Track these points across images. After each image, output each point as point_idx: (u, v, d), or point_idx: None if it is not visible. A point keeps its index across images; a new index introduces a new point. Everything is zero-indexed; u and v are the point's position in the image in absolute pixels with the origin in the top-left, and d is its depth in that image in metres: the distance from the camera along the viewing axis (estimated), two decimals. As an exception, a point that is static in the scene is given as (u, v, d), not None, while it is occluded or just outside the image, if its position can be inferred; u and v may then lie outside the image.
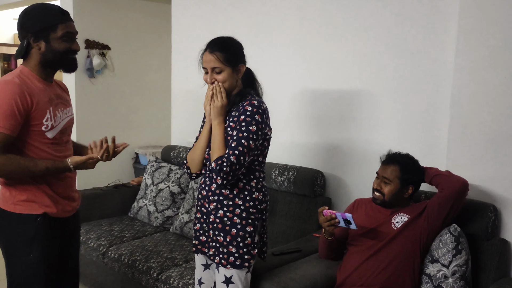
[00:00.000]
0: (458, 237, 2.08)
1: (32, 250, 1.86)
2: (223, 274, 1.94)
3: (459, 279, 2.03)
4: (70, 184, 2.00)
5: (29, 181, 1.85)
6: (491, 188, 2.20)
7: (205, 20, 3.61)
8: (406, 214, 2.12)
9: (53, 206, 1.90)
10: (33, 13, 1.84)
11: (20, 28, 1.86)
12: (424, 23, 2.46)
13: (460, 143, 2.28)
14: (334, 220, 2.04)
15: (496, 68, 2.14)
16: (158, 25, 5.10)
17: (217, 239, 1.94)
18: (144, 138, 5.16)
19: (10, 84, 1.77)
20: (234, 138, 1.85)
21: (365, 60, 2.71)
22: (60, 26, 1.84)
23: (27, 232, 1.85)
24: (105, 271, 2.91)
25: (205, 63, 1.90)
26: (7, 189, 1.87)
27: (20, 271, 1.87)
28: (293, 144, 3.09)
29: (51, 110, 1.86)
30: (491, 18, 2.14)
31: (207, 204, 1.97)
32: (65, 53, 1.87)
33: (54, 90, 1.94)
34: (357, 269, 2.09)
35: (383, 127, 2.67)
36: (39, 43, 1.83)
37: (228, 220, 1.93)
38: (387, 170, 2.14)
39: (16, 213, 1.85)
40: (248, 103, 1.90)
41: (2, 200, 1.89)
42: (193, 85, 3.39)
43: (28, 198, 1.86)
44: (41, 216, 1.87)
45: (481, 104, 2.20)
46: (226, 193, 1.93)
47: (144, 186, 3.43)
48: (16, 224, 1.86)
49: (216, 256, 1.95)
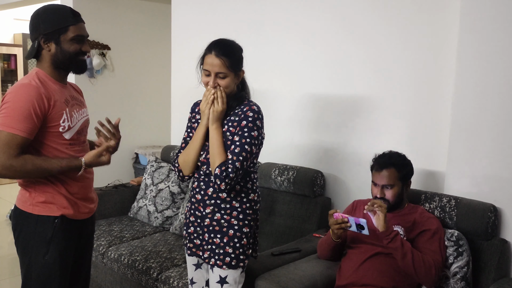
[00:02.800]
0: (457, 241, 2.08)
1: (49, 251, 1.87)
2: (218, 274, 1.94)
3: (460, 280, 2.03)
4: (88, 185, 2.01)
5: (47, 183, 1.87)
6: (491, 188, 2.20)
7: (205, 20, 3.61)
8: (401, 227, 2.10)
9: (71, 208, 1.92)
10: (44, 14, 1.85)
11: (31, 30, 1.87)
12: (426, 29, 2.46)
13: (460, 144, 2.28)
14: (346, 224, 2.02)
15: (496, 70, 2.14)
16: (158, 25, 5.10)
17: (213, 241, 1.94)
18: (144, 138, 5.16)
19: (28, 87, 1.78)
20: (237, 144, 1.85)
21: (365, 64, 2.71)
22: (71, 28, 1.85)
23: (44, 233, 1.87)
24: (104, 271, 2.91)
25: (210, 66, 1.86)
26: (26, 190, 1.89)
27: (36, 271, 1.88)
28: (293, 144, 3.09)
29: (67, 111, 1.88)
30: (491, 22, 2.14)
31: (203, 208, 1.95)
32: (75, 54, 1.88)
33: (69, 92, 1.96)
34: (356, 271, 2.09)
35: (383, 127, 2.66)
36: (49, 44, 1.85)
37: (226, 222, 1.92)
38: (385, 176, 2.11)
39: (35, 214, 1.87)
40: (249, 108, 1.90)
41: (21, 201, 1.90)
42: (193, 85, 3.39)
43: (47, 199, 1.87)
44: (58, 218, 1.88)
45: (482, 105, 2.19)
46: (223, 196, 1.92)
47: (144, 186, 3.43)
48: (34, 225, 1.87)
49: (211, 258, 1.94)
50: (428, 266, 1.96)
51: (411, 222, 2.10)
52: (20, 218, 1.90)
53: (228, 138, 1.90)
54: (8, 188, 6.10)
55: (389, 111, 2.63)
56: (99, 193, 3.43)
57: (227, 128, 1.91)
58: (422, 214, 2.13)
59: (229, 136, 1.89)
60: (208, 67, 1.87)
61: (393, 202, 2.12)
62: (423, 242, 2.04)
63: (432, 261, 1.98)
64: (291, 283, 2.04)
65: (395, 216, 2.14)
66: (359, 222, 1.96)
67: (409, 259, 1.95)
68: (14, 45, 6.87)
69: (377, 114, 2.68)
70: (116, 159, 2.12)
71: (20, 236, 1.91)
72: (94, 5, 4.64)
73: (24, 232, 1.90)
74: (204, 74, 1.90)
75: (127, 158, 5.02)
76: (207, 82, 1.90)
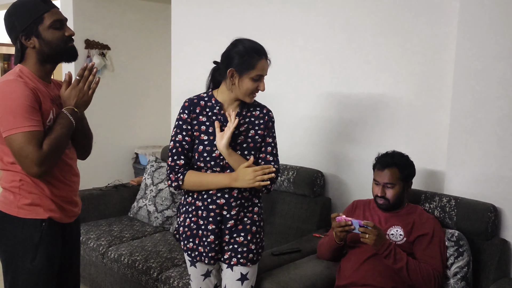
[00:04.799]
0: (458, 241, 2.08)
1: (36, 256, 1.78)
2: (239, 272, 1.94)
3: (461, 280, 2.03)
4: (73, 189, 1.93)
5: (33, 184, 1.78)
6: (491, 188, 2.20)
7: (205, 20, 3.61)
8: (401, 228, 2.10)
9: (58, 211, 1.83)
10: (15, 11, 1.77)
11: (9, 31, 1.79)
12: (426, 28, 2.46)
13: (460, 144, 2.28)
14: (350, 227, 2.02)
15: (495, 71, 2.14)
16: (158, 25, 5.10)
17: (236, 240, 1.93)
18: (144, 138, 5.16)
19: (16, 82, 1.70)
20: (273, 145, 1.98)
21: (365, 64, 2.71)
22: (46, 15, 1.75)
23: (31, 237, 1.77)
24: (104, 271, 2.91)
25: (265, 71, 1.88)
26: (11, 192, 1.78)
27: (23, 277, 1.79)
28: (293, 144, 3.09)
29: (54, 110, 1.79)
30: (490, 22, 2.14)
31: (227, 211, 1.91)
32: (61, 42, 1.78)
33: (53, 91, 1.87)
34: (356, 271, 2.09)
35: (383, 127, 2.66)
36: (32, 40, 1.76)
37: (249, 220, 1.95)
38: (386, 175, 2.12)
39: (21, 217, 1.76)
40: (266, 108, 2.00)
41: (4, 203, 1.79)
42: (193, 85, 3.39)
43: (33, 202, 1.77)
44: (46, 221, 1.79)
45: (481, 105, 2.20)
46: (246, 195, 1.94)
47: (144, 186, 3.43)
48: (20, 229, 1.77)
49: (233, 258, 1.93)
50: (428, 278, 1.96)
51: (410, 224, 2.09)
52: (3, 222, 1.79)
53: (257, 141, 1.94)
54: None
55: (389, 111, 2.63)
56: (99, 193, 3.43)
57: (254, 132, 1.94)
58: (421, 215, 2.13)
59: (258, 139, 1.94)
60: (263, 72, 1.87)
61: (393, 202, 2.12)
62: (423, 250, 2.03)
63: (431, 272, 1.97)
64: (291, 283, 2.04)
65: (394, 215, 2.14)
66: (362, 224, 1.97)
67: (404, 274, 1.96)
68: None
69: (377, 114, 2.68)
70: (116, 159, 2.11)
71: (3, 241, 1.80)
72: (94, 5, 4.64)
73: (9, 237, 1.78)
74: (253, 80, 1.86)
75: (127, 158, 5.02)
76: (257, 87, 1.88)
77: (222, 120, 1.91)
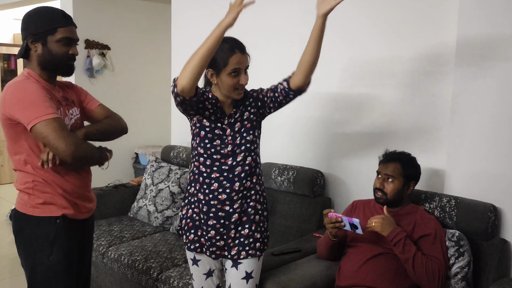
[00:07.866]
0: (458, 241, 2.08)
1: (53, 252, 1.86)
2: (244, 271, 1.94)
3: (461, 280, 2.03)
4: (84, 184, 2.00)
5: (45, 184, 1.86)
6: (491, 188, 2.20)
7: (205, 20, 3.61)
8: (401, 228, 2.10)
9: (71, 208, 1.91)
10: (35, 15, 1.86)
11: (22, 30, 1.88)
12: (426, 28, 2.46)
13: (460, 144, 2.28)
14: (340, 224, 2.03)
15: (495, 70, 2.14)
16: (158, 25, 5.10)
17: (241, 234, 1.93)
18: (144, 138, 5.16)
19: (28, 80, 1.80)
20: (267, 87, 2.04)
21: (365, 64, 2.71)
22: (60, 30, 1.84)
23: (47, 234, 1.86)
24: (104, 271, 2.91)
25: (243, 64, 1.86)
26: (25, 193, 1.87)
27: (41, 273, 1.87)
28: (293, 144, 3.09)
29: (61, 111, 1.87)
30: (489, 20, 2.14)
31: (229, 206, 1.91)
32: (63, 57, 1.87)
33: (59, 93, 1.95)
34: (356, 272, 2.08)
35: (383, 127, 2.66)
36: (36, 45, 1.84)
37: (252, 209, 1.94)
38: (389, 168, 2.13)
39: (35, 216, 1.86)
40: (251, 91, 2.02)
41: (20, 204, 1.89)
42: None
43: (46, 200, 1.86)
44: (60, 218, 1.87)
45: (482, 104, 2.20)
46: (248, 185, 1.93)
47: (144, 186, 3.43)
48: (35, 227, 1.86)
49: (241, 252, 1.93)
50: (432, 276, 1.96)
51: (412, 224, 2.09)
52: (20, 221, 1.89)
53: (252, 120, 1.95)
54: (8, 188, 6.11)
55: (389, 111, 2.63)
56: (99, 193, 3.43)
57: (248, 114, 1.95)
58: (422, 216, 2.13)
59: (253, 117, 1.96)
60: (241, 65, 1.86)
61: (390, 197, 2.12)
62: (427, 249, 2.03)
63: (437, 270, 1.97)
64: (291, 283, 2.04)
65: (395, 215, 2.14)
66: (352, 221, 1.98)
67: (410, 267, 1.96)
68: (14, 45, 6.87)
69: (377, 113, 2.68)
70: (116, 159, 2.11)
71: (22, 239, 1.90)
72: (94, 5, 4.64)
73: (26, 234, 1.89)
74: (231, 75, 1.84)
75: (127, 158, 5.03)
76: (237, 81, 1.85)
77: (219, 112, 1.93)
